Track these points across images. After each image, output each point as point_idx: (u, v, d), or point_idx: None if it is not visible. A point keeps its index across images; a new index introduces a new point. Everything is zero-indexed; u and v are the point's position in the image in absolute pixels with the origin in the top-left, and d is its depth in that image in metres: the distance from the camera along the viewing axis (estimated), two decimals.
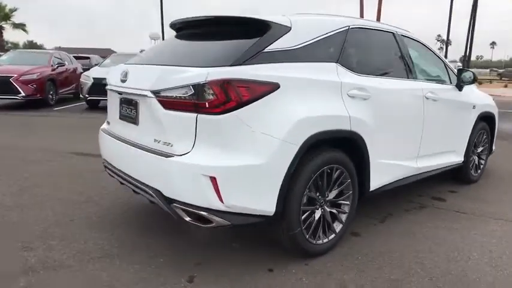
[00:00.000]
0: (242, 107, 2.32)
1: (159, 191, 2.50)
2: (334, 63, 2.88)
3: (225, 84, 2.29)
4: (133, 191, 2.88)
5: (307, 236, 2.75)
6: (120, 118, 2.98)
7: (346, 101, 2.84)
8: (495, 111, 4.97)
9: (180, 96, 2.37)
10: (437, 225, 3.55)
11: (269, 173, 2.43)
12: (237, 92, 2.31)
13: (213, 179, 2.30)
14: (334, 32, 2.96)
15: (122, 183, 3.04)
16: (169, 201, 2.47)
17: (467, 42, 27.49)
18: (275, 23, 2.66)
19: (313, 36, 2.80)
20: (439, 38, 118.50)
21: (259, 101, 2.38)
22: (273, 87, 2.43)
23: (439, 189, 4.55)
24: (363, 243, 3.12)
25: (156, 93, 2.48)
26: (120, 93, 2.90)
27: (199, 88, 2.30)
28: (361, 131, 2.89)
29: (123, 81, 2.81)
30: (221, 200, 2.31)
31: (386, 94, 3.22)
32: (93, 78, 10.62)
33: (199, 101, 2.31)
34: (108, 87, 3.13)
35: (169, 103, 2.42)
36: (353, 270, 2.73)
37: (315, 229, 2.80)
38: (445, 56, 23.67)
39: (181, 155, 2.39)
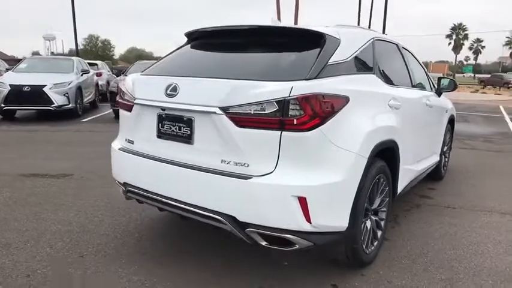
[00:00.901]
0: (325, 122, 2.25)
1: (232, 216, 2.30)
2: (374, 75, 2.96)
3: (312, 100, 2.19)
4: (181, 217, 2.61)
5: (364, 247, 2.77)
6: (159, 137, 2.66)
7: (389, 111, 2.93)
8: (455, 113, 5.58)
9: (260, 113, 2.21)
10: (442, 221, 3.85)
11: (347, 188, 2.40)
12: (322, 107, 2.23)
13: (302, 199, 2.19)
14: (367, 43, 3.03)
15: (161, 210, 2.72)
16: (244, 226, 2.29)
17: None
18: (329, 35, 2.63)
19: (356, 48, 2.83)
20: None
21: (337, 115, 2.33)
22: (346, 100, 2.40)
23: (419, 187, 4.93)
24: (396, 247, 3.25)
25: (225, 109, 2.28)
26: (163, 109, 2.59)
27: (285, 104, 2.16)
28: (397, 139, 3.01)
29: (170, 95, 2.50)
30: (309, 221, 2.21)
31: (409, 103, 3.40)
32: (10, 85, 9.49)
33: (285, 118, 2.17)
34: (137, 101, 2.75)
35: (245, 120, 2.24)
36: (406, 275, 2.82)
37: (367, 239, 2.84)
38: None
39: (261, 176, 2.23)
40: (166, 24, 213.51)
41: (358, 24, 25.90)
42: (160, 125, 2.64)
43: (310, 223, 2.21)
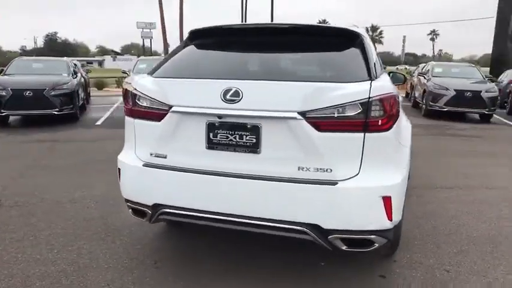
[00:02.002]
0: (396, 121, 2.29)
1: (315, 225, 2.19)
2: (386, 72, 3.11)
3: (390, 99, 2.21)
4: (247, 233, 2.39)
5: None
6: (210, 148, 2.36)
7: None
8: None
9: (344, 116, 2.14)
10: (410, 202, 4.30)
11: (406, 183, 2.50)
12: (395, 106, 2.27)
13: (387, 199, 2.21)
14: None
15: (223, 228, 2.42)
16: (327, 233, 2.21)
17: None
18: (362, 34, 2.67)
19: (373, 47, 2.94)
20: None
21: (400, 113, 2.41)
22: (397, 99, 2.48)
23: None
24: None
25: (305, 114, 2.14)
26: (219, 116, 2.29)
27: (368, 105, 2.14)
28: None
29: (230, 101, 2.23)
30: (390, 218, 2.25)
31: None
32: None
33: (369, 119, 2.15)
34: (176, 109, 2.38)
35: (327, 124, 2.15)
36: (428, 254, 3.08)
37: None
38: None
39: (347, 180, 2.18)
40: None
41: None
42: (211, 134, 2.34)
43: (391, 220, 2.25)
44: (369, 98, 2.15)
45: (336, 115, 2.14)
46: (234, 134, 2.29)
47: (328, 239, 2.22)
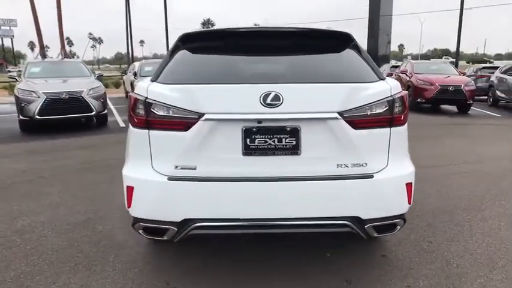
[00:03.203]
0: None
1: (356, 217, 2.33)
2: None
3: (405, 97, 2.45)
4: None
5: None
6: (248, 154, 2.30)
7: None
8: None
9: (375, 113, 2.31)
10: None
11: None
12: (407, 102, 2.50)
13: (409, 185, 2.45)
14: None
15: (259, 235, 2.38)
16: (364, 223, 2.36)
17: (128, 40, 30.22)
18: (352, 36, 2.86)
19: None
20: (90, 36, 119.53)
21: None
22: None
23: None
24: None
25: (342, 114, 2.25)
26: (259, 121, 2.24)
27: (393, 102, 2.35)
28: None
29: (271, 105, 2.21)
30: (409, 202, 2.50)
31: None
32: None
33: (393, 115, 2.36)
34: (210, 116, 2.25)
35: (362, 122, 2.30)
36: (427, 233, 3.46)
37: None
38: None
39: (380, 172, 2.36)
40: None
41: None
42: (248, 140, 2.28)
43: (410, 204, 2.50)
44: (392, 95, 2.36)
45: (368, 113, 2.31)
46: (272, 138, 2.28)
47: (365, 228, 2.37)
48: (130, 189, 2.40)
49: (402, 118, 2.42)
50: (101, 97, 9.11)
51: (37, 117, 8.27)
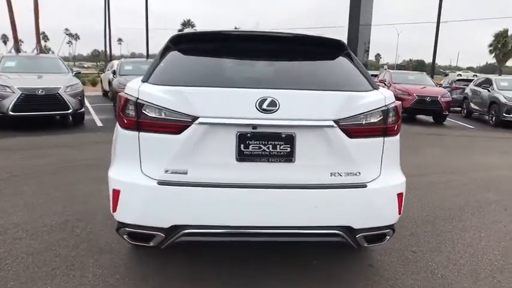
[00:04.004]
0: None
1: (348, 226, 2.31)
2: None
3: (399, 107, 2.46)
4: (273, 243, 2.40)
5: None
6: (241, 160, 2.24)
7: None
8: None
9: (370, 122, 2.30)
10: None
11: None
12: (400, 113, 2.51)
13: (401, 195, 2.46)
14: None
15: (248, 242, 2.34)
16: (356, 232, 2.35)
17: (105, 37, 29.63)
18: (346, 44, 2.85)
19: None
20: (67, 32, 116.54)
21: None
22: None
23: None
24: None
25: (338, 122, 2.23)
26: (254, 127, 2.18)
27: (387, 112, 2.35)
28: None
29: (266, 111, 2.16)
30: (399, 213, 2.50)
31: None
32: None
33: (387, 125, 2.35)
34: (203, 120, 2.19)
35: (357, 131, 2.28)
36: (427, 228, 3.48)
37: None
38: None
39: (372, 181, 2.35)
40: None
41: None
42: (242, 146, 2.23)
43: (400, 214, 2.50)
44: (386, 105, 2.36)
45: (363, 122, 2.29)
46: (267, 144, 2.23)
47: (356, 238, 2.34)
48: (116, 193, 2.29)
49: (396, 128, 2.42)
50: (79, 95, 8.87)
51: (10, 113, 7.95)
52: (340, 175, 2.31)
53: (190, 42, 2.68)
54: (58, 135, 7.98)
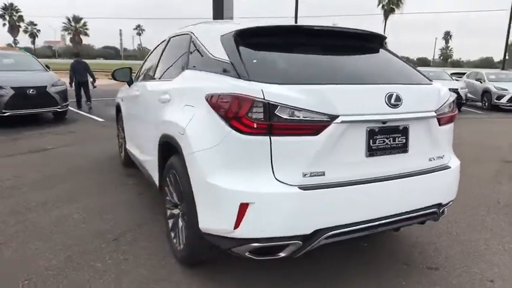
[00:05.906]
0: None
1: (439, 203, 2.60)
2: None
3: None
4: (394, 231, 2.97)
5: None
6: (370, 155, 2.33)
7: None
8: None
9: (448, 111, 2.66)
10: None
11: None
12: None
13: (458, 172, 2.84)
14: None
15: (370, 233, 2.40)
16: (441, 208, 2.64)
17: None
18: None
19: None
20: None
21: None
22: None
23: None
24: None
25: (436, 112, 2.55)
26: (384, 122, 2.33)
27: (453, 102, 2.74)
28: None
29: (394, 106, 2.32)
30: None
31: None
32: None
33: (454, 113, 2.74)
34: (343, 118, 2.17)
35: (444, 119, 2.62)
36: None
37: None
38: None
39: (449, 162, 2.71)
40: None
41: None
42: (371, 141, 2.32)
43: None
44: (450, 94, 2.73)
45: (446, 110, 2.64)
46: (389, 138, 2.38)
47: (441, 212, 2.65)
48: (243, 207, 2.09)
49: (455, 115, 2.76)
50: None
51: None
52: (434, 159, 2.60)
53: (268, 37, 2.61)
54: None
